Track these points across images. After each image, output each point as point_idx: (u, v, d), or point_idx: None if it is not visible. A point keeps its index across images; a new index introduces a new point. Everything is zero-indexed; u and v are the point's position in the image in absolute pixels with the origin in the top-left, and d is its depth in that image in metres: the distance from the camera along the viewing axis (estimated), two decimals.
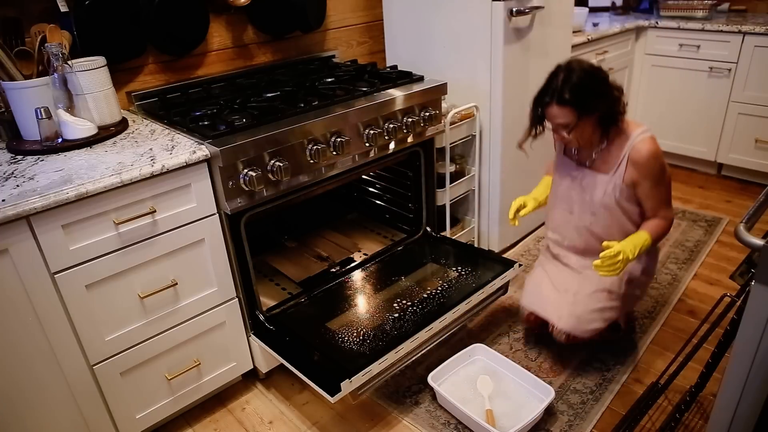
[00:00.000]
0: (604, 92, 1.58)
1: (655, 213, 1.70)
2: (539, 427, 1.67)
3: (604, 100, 1.57)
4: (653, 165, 1.62)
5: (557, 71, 1.59)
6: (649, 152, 1.61)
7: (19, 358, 1.34)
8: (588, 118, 1.58)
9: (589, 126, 1.61)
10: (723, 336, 1.29)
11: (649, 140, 1.63)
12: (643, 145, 1.62)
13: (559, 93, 1.56)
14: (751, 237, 0.92)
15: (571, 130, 1.61)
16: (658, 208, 1.69)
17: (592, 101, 1.56)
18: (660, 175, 1.64)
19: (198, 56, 2.07)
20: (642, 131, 1.64)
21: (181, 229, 1.52)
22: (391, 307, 1.83)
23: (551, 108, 1.59)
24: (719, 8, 3.28)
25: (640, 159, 1.62)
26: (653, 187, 1.65)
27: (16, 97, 1.54)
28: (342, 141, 1.73)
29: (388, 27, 2.53)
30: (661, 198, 1.68)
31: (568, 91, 1.54)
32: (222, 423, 1.79)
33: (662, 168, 1.64)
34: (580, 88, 1.54)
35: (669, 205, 1.71)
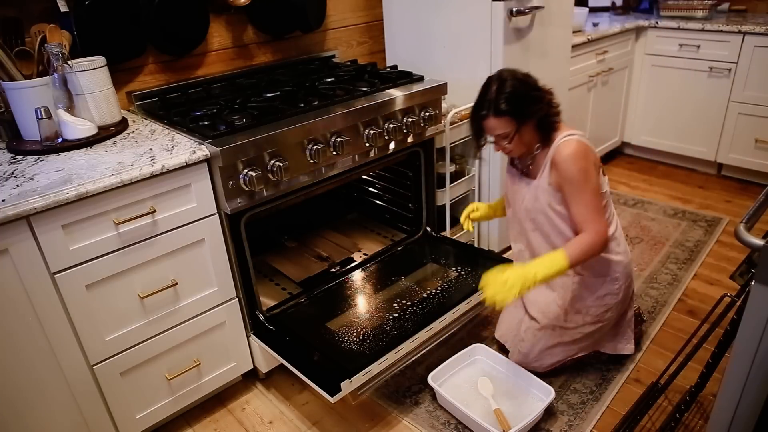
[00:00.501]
0: (537, 97, 1.55)
1: (582, 225, 1.56)
2: (539, 427, 1.67)
3: (539, 105, 1.55)
4: (572, 167, 1.53)
5: (489, 83, 1.57)
6: (568, 154, 1.53)
7: (19, 358, 1.34)
8: (526, 125, 1.56)
9: (528, 133, 1.58)
10: (723, 336, 1.29)
11: (573, 142, 1.55)
12: (565, 147, 1.55)
13: (495, 104, 1.53)
14: (751, 237, 0.92)
15: (512, 139, 1.57)
16: (584, 218, 1.55)
17: (529, 107, 1.54)
18: (581, 178, 1.53)
19: (198, 56, 2.07)
20: (569, 134, 1.58)
21: (181, 229, 1.52)
22: (391, 307, 1.83)
23: (489, 120, 1.56)
24: (719, 8, 3.28)
25: (560, 160, 1.55)
26: (575, 192, 1.55)
27: (16, 97, 1.54)
28: (342, 141, 1.73)
29: (388, 27, 2.53)
30: (585, 205, 1.55)
31: (504, 101, 1.52)
32: (222, 423, 1.79)
33: (583, 171, 1.53)
34: (515, 96, 1.52)
35: (597, 216, 1.55)
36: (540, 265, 1.51)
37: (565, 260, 1.50)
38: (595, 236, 1.54)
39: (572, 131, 1.59)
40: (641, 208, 2.96)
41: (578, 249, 1.53)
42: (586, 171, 1.53)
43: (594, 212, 1.55)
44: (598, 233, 1.54)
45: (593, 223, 1.54)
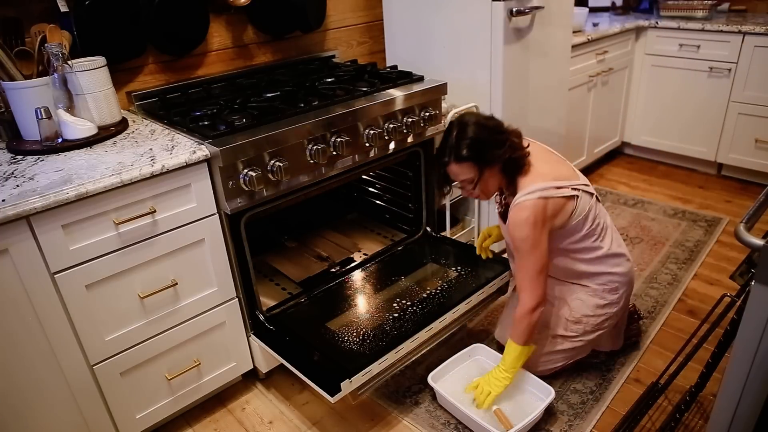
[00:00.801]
0: (499, 141, 1.53)
1: (519, 289, 1.61)
2: (539, 427, 1.67)
3: (501, 149, 1.52)
4: (518, 234, 1.53)
5: (450, 128, 1.56)
6: (518, 221, 1.52)
7: (19, 358, 1.34)
8: (490, 170, 1.55)
9: (494, 177, 1.57)
10: (723, 336, 1.29)
11: (526, 208, 1.51)
12: (517, 211, 1.53)
13: (456, 150, 1.53)
14: (751, 237, 0.92)
15: (476, 184, 1.57)
16: (519, 283, 1.60)
17: (490, 152, 1.52)
18: (525, 247, 1.53)
19: (198, 56, 2.07)
20: (528, 192, 1.52)
21: (181, 229, 1.52)
22: (391, 307, 1.83)
23: (451, 167, 1.56)
24: (719, 8, 3.28)
25: (510, 223, 1.56)
26: (518, 257, 1.57)
27: (16, 97, 1.54)
28: (342, 141, 1.73)
29: (388, 27, 2.53)
30: (521, 270, 1.57)
31: (465, 147, 1.51)
32: (222, 423, 1.79)
33: (525, 239, 1.52)
34: (476, 141, 1.51)
35: (529, 284, 1.56)
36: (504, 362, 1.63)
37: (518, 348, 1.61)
38: (522, 309, 1.58)
39: (535, 186, 1.53)
40: (641, 208, 2.96)
41: (517, 328, 1.61)
42: (529, 239, 1.52)
43: (528, 279, 1.57)
44: (524, 305, 1.58)
45: (524, 292, 1.59)
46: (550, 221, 1.55)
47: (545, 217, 1.53)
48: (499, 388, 1.62)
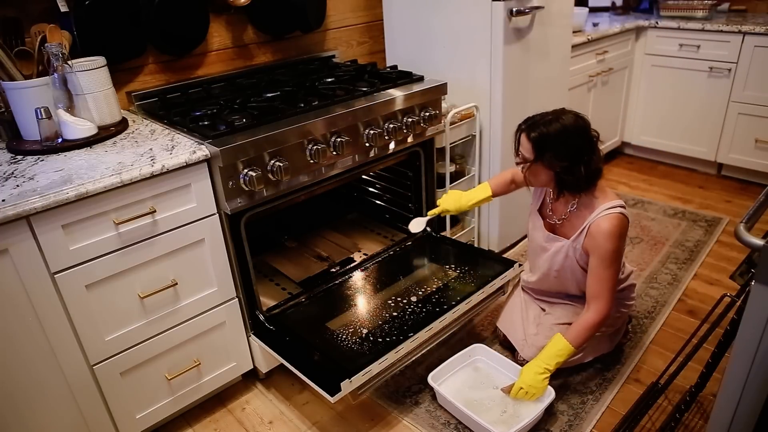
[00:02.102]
0: (568, 161, 1.56)
1: (591, 298, 1.65)
2: (539, 427, 1.67)
3: (564, 163, 1.56)
4: (607, 244, 1.58)
5: (554, 111, 1.60)
6: (606, 230, 1.57)
7: (19, 358, 1.34)
8: (543, 167, 1.59)
9: (544, 175, 1.61)
10: (723, 336, 1.29)
11: (613, 218, 1.58)
12: (605, 222, 1.58)
13: (531, 127, 1.57)
14: (751, 237, 0.92)
15: (525, 166, 1.63)
16: (596, 293, 1.63)
17: (549, 154, 1.56)
18: (610, 257, 1.59)
19: (198, 56, 2.07)
20: (611, 206, 1.60)
21: (181, 229, 1.52)
22: (391, 307, 1.83)
23: (522, 134, 1.61)
24: (719, 8, 3.28)
25: (596, 233, 1.59)
26: (599, 266, 1.61)
27: (16, 97, 1.54)
28: (342, 141, 1.73)
29: (388, 27, 2.53)
30: (603, 282, 1.62)
31: (538, 132, 1.55)
32: (222, 423, 1.79)
33: (615, 251, 1.58)
34: (549, 136, 1.54)
35: (608, 295, 1.62)
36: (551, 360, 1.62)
37: (570, 347, 1.62)
38: (597, 316, 1.62)
39: (615, 201, 1.62)
40: (641, 208, 2.96)
41: (581, 333, 1.63)
42: (618, 251, 1.59)
43: (607, 290, 1.62)
44: (600, 313, 1.62)
45: (601, 301, 1.62)
46: (626, 237, 1.62)
47: (625, 231, 1.60)
48: (542, 390, 1.63)
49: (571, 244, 1.69)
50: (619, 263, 1.62)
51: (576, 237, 1.67)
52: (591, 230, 1.61)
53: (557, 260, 1.75)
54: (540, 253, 1.82)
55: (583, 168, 1.57)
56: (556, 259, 1.75)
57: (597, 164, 1.60)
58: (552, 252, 1.76)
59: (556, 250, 1.74)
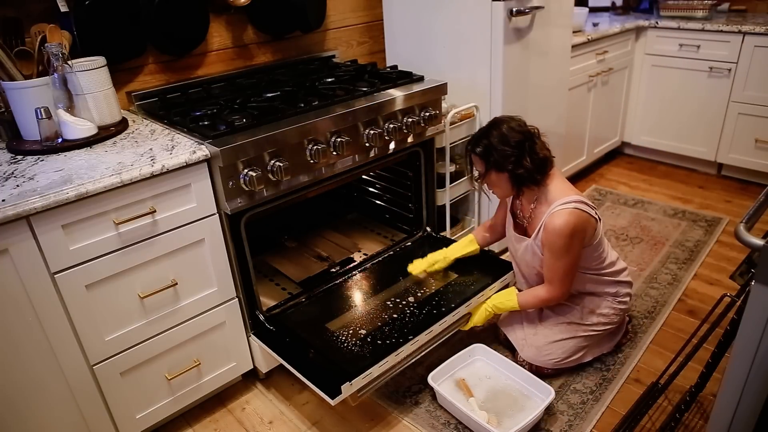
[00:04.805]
0: (514, 156, 1.63)
1: (546, 280, 1.74)
2: (539, 427, 1.67)
3: (509, 162, 1.64)
4: (556, 239, 1.62)
5: (489, 122, 1.71)
6: (557, 225, 1.61)
7: (19, 358, 1.34)
8: (497, 174, 1.68)
9: (502, 181, 1.70)
10: (723, 336, 1.29)
11: (566, 213, 1.61)
12: (557, 217, 1.62)
13: (475, 144, 1.70)
14: (751, 237, 0.92)
15: (483, 179, 1.73)
16: (549, 278, 1.72)
17: (498, 160, 1.65)
18: (560, 250, 1.64)
19: (198, 56, 2.07)
20: (565, 201, 1.64)
21: (181, 229, 1.52)
22: (391, 308, 1.83)
23: (470, 155, 1.73)
24: (719, 8, 3.28)
25: (548, 227, 1.64)
26: (550, 257, 1.68)
27: (16, 97, 1.54)
28: (342, 141, 1.73)
29: (388, 27, 2.53)
30: (555, 271, 1.68)
31: (481, 145, 1.67)
32: (222, 423, 1.79)
33: (564, 246, 1.63)
34: (489, 146, 1.65)
35: (561, 284, 1.70)
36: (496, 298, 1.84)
37: (515, 304, 1.80)
38: (547, 295, 1.74)
39: (571, 197, 1.65)
40: (641, 208, 2.96)
41: (532, 301, 1.78)
42: (568, 246, 1.64)
43: (558, 279, 1.70)
44: (550, 293, 1.73)
45: (552, 285, 1.72)
46: (581, 233, 1.65)
47: (579, 227, 1.63)
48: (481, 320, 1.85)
49: (533, 241, 1.74)
50: (571, 257, 1.66)
51: (536, 234, 1.72)
52: (545, 225, 1.66)
53: (527, 258, 1.80)
54: (515, 254, 1.89)
55: (529, 158, 1.64)
56: (525, 257, 1.81)
57: (542, 152, 1.68)
58: (521, 251, 1.81)
59: (524, 249, 1.80)
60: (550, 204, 1.68)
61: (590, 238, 1.69)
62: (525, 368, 1.78)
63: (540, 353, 1.80)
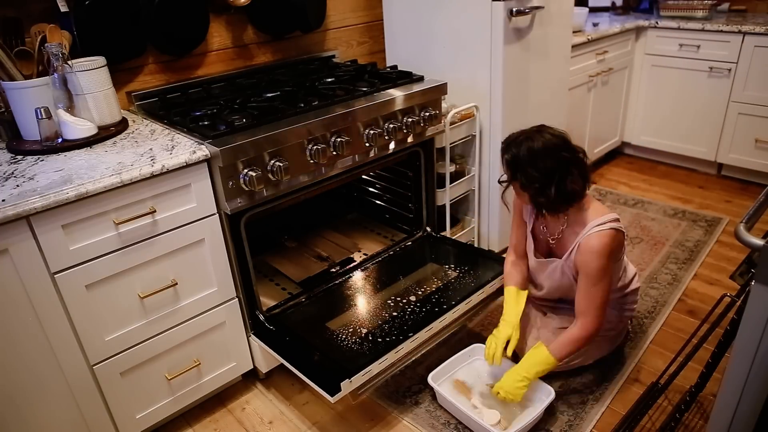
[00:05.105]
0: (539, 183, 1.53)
1: (580, 313, 1.63)
2: (539, 427, 1.67)
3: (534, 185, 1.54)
4: (594, 262, 1.56)
5: (531, 129, 1.59)
6: (594, 247, 1.55)
7: (19, 358, 1.34)
8: (519, 187, 1.60)
9: (521, 195, 1.63)
10: (723, 336, 1.29)
11: (604, 235, 1.55)
12: (594, 239, 1.56)
13: (507, 147, 1.59)
14: (751, 237, 0.92)
15: (508, 185, 1.65)
16: (584, 309, 1.61)
17: (521, 176, 1.56)
18: (597, 275, 1.57)
19: (198, 56, 2.07)
20: (601, 223, 1.57)
21: (181, 229, 1.52)
22: (391, 306, 1.83)
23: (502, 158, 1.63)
24: (719, 8, 3.28)
25: (585, 250, 1.57)
26: (586, 283, 1.59)
27: (16, 97, 1.54)
28: (342, 141, 1.73)
29: (388, 27, 2.53)
30: (591, 299, 1.59)
31: (510, 153, 1.57)
32: (222, 423, 1.79)
33: (602, 269, 1.56)
34: (518, 158, 1.54)
35: (595, 312, 1.59)
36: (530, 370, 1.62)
37: (551, 359, 1.61)
38: (583, 332, 1.61)
39: (606, 216, 1.58)
40: (641, 208, 2.96)
41: (565, 346, 1.62)
42: (605, 269, 1.57)
43: (594, 307, 1.60)
44: (586, 329, 1.61)
45: (588, 317, 1.61)
46: (617, 253, 1.61)
47: (617, 248, 1.59)
48: (519, 397, 1.61)
49: (564, 262, 1.68)
50: (608, 280, 1.59)
51: (568, 255, 1.66)
52: (581, 247, 1.59)
53: (555, 278, 1.74)
54: (539, 272, 1.81)
55: (554, 189, 1.52)
56: (554, 277, 1.75)
57: (572, 185, 1.54)
58: (549, 272, 1.76)
59: (552, 270, 1.74)
60: (583, 225, 1.60)
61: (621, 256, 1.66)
62: None
63: None
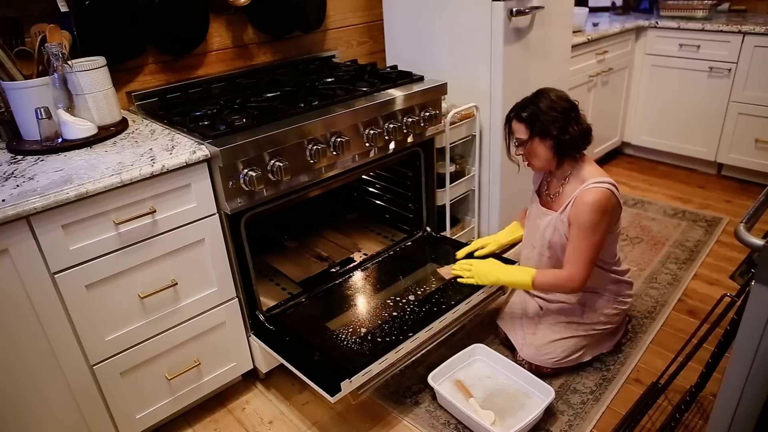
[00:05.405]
0: (558, 120, 1.63)
1: (567, 262, 1.67)
2: (539, 427, 1.67)
3: (556, 127, 1.63)
4: (586, 215, 1.61)
5: (535, 93, 1.71)
6: (589, 201, 1.60)
7: (19, 358, 1.34)
8: (541, 140, 1.66)
9: (542, 150, 1.67)
10: (723, 336, 1.29)
11: (598, 191, 1.60)
12: (589, 194, 1.61)
13: (520, 110, 1.68)
14: (751, 237, 0.92)
15: (524, 146, 1.70)
16: (572, 259, 1.66)
17: (544, 125, 1.63)
18: (589, 227, 1.61)
19: (198, 56, 2.07)
20: (598, 181, 1.63)
21: (181, 229, 1.52)
22: (391, 306, 1.83)
23: (513, 122, 1.71)
24: (719, 8, 3.28)
25: (579, 203, 1.63)
26: (578, 236, 1.64)
27: (16, 97, 1.54)
28: (342, 141, 1.73)
29: (388, 27, 2.53)
30: (579, 251, 1.64)
31: (527, 110, 1.66)
32: (222, 423, 1.79)
33: (594, 223, 1.61)
34: (538, 111, 1.64)
35: (582, 265, 1.64)
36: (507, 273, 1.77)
37: (530, 283, 1.71)
38: (569, 278, 1.67)
39: (604, 177, 1.65)
40: (641, 208, 2.96)
41: (548, 280, 1.70)
42: (597, 224, 1.62)
43: (582, 260, 1.65)
44: (572, 278, 1.66)
45: (575, 267, 1.66)
46: (610, 214, 1.64)
47: (610, 207, 1.63)
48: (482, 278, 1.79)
49: (558, 216, 1.72)
50: (598, 237, 1.63)
51: (563, 209, 1.70)
52: (576, 201, 1.65)
53: (546, 234, 1.77)
54: (533, 232, 1.84)
55: (575, 125, 1.64)
56: (545, 233, 1.77)
57: (585, 122, 1.68)
58: (543, 227, 1.78)
59: (546, 224, 1.77)
60: (582, 181, 1.66)
61: (614, 224, 1.69)
62: (525, 368, 1.78)
63: (539, 352, 1.80)
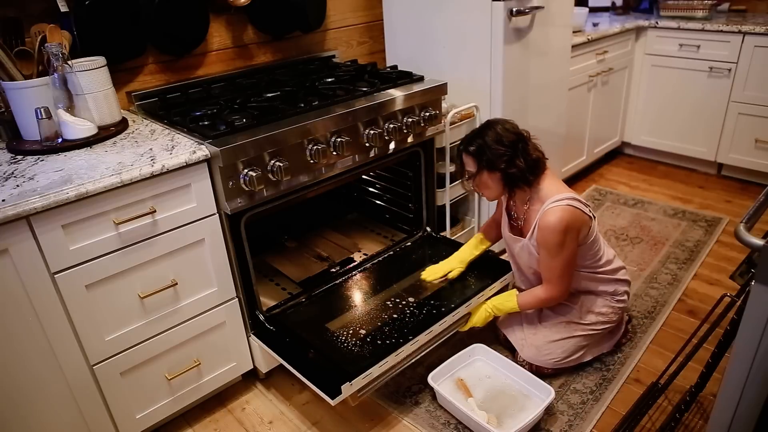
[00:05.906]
0: (507, 156, 1.64)
1: (544, 282, 1.74)
2: (539, 427, 1.67)
3: (502, 161, 1.64)
4: (549, 237, 1.63)
5: (482, 124, 1.73)
6: (550, 223, 1.62)
7: (19, 358, 1.34)
8: (489, 173, 1.68)
9: (491, 182, 1.70)
10: (723, 336, 1.29)
11: (559, 210, 1.62)
12: (549, 215, 1.63)
13: (467, 143, 1.70)
14: (751, 237, 0.92)
15: (473, 179, 1.73)
16: (547, 278, 1.72)
17: (491, 159, 1.65)
18: (555, 248, 1.64)
19: (198, 56, 2.07)
20: (557, 199, 1.64)
21: (181, 229, 1.52)
22: (391, 308, 1.83)
23: (462, 155, 1.74)
24: (719, 8, 3.28)
25: (542, 226, 1.65)
26: (546, 257, 1.68)
27: (16, 97, 1.54)
28: (342, 141, 1.73)
29: (388, 27, 2.53)
30: (551, 270, 1.69)
31: (474, 144, 1.68)
32: (222, 423, 1.79)
33: (558, 243, 1.63)
34: (483, 145, 1.66)
35: (559, 282, 1.70)
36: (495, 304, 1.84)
37: (515, 306, 1.80)
38: (548, 297, 1.74)
39: (563, 194, 1.66)
40: (641, 208, 2.96)
41: (531, 301, 1.78)
42: (562, 243, 1.64)
43: (555, 276, 1.70)
44: (551, 296, 1.73)
45: (551, 285, 1.72)
46: (575, 230, 1.65)
47: (574, 223, 1.63)
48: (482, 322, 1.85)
49: (528, 241, 1.74)
50: (567, 253, 1.65)
51: (531, 234, 1.72)
52: (539, 224, 1.67)
53: (523, 258, 1.81)
54: (511, 255, 1.89)
55: (522, 158, 1.65)
56: (521, 257, 1.81)
57: (534, 153, 1.69)
58: (517, 251, 1.82)
59: (519, 249, 1.81)
60: (543, 202, 1.68)
61: (585, 236, 1.70)
62: (525, 368, 1.79)
63: (540, 353, 1.80)
